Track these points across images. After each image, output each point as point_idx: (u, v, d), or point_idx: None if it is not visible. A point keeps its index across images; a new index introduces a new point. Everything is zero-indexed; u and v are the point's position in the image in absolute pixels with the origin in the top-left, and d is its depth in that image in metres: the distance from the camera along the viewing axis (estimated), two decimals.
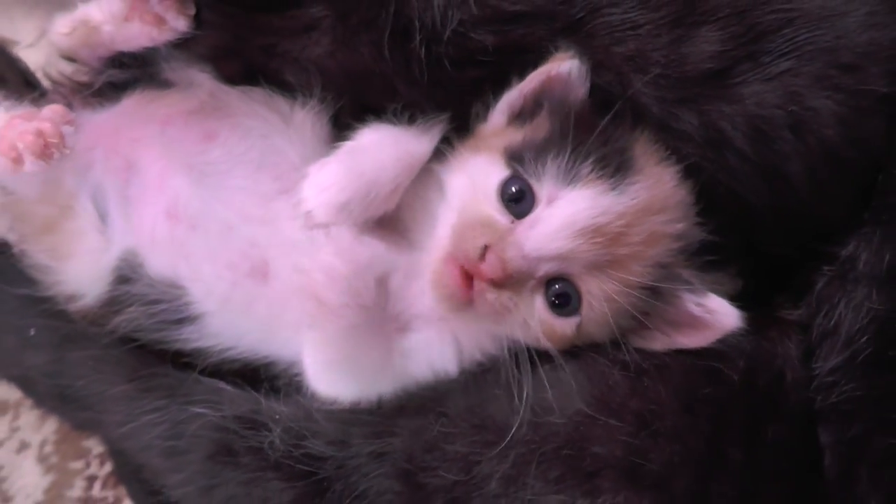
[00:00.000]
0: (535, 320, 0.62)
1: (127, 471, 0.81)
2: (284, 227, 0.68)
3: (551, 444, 0.61)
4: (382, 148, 0.65)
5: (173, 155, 0.70)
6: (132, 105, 0.71)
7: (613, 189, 0.61)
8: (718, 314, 0.62)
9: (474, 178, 0.65)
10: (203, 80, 0.73)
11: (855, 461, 0.62)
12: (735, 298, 0.67)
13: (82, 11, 0.77)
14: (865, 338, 0.64)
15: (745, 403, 0.63)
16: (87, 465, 0.87)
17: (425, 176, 0.68)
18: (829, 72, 0.66)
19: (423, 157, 0.68)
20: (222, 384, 0.69)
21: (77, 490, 0.86)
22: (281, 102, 0.73)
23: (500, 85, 0.69)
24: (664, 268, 0.62)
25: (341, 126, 0.71)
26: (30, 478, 0.87)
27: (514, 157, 0.63)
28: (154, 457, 0.69)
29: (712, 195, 0.67)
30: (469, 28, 0.68)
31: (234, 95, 0.73)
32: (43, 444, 0.87)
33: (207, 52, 0.73)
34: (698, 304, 0.63)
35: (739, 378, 0.64)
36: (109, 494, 0.86)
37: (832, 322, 0.67)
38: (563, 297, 0.62)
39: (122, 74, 0.75)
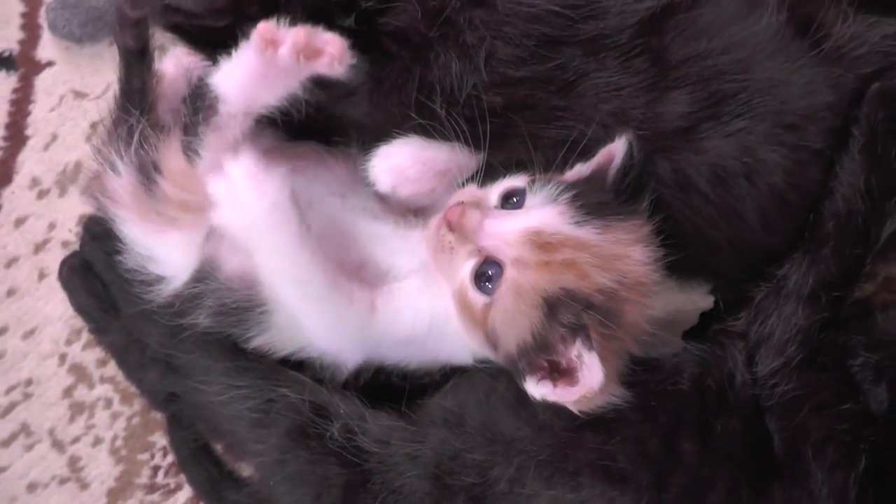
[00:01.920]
0: (459, 277, 0.71)
1: (185, 456, 0.91)
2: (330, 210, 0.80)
3: (544, 453, 0.72)
4: (440, 144, 0.77)
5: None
6: None
7: (572, 218, 0.69)
8: (587, 370, 0.66)
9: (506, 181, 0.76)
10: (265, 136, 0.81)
11: (800, 443, 0.71)
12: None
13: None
14: (794, 346, 0.73)
15: (697, 403, 0.73)
16: (152, 456, 0.95)
17: None
18: (775, 130, 0.75)
19: (468, 166, 0.78)
20: (303, 376, 0.78)
21: (144, 478, 0.95)
22: (324, 149, 0.83)
23: (504, 138, 0.77)
24: (570, 296, 0.67)
25: None
26: (104, 467, 0.95)
27: (535, 178, 0.74)
28: (242, 426, 0.79)
29: (682, 229, 0.77)
30: (481, 91, 0.76)
31: (287, 144, 0.83)
32: (114, 439, 0.96)
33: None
34: (580, 356, 0.66)
35: (690, 384, 0.73)
36: (171, 481, 0.95)
37: (766, 329, 0.76)
38: (487, 275, 0.70)
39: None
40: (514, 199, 0.74)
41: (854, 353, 0.73)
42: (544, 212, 0.70)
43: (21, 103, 1.02)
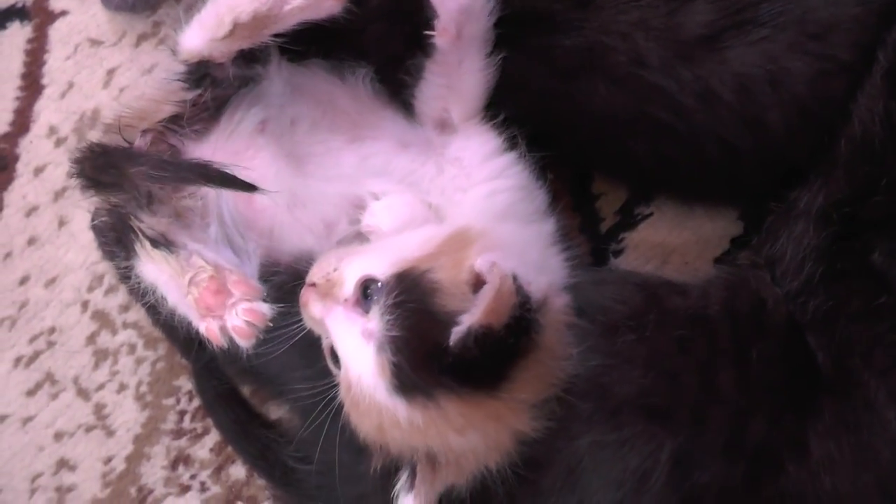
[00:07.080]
0: None
1: (211, 400, 0.91)
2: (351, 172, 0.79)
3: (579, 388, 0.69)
4: None
5: (277, 151, 0.77)
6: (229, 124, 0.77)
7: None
8: None
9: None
10: (279, 70, 0.79)
11: (846, 355, 0.69)
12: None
13: None
14: (811, 263, 0.72)
15: (730, 330, 0.71)
16: (178, 401, 0.95)
17: None
18: (799, 39, 0.74)
19: None
20: None
21: (170, 423, 0.95)
22: (335, 70, 0.81)
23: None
24: None
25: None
26: (129, 414, 0.96)
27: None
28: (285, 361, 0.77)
29: (704, 142, 0.77)
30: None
31: (299, 73, 0.81)
32: (139, 384, 0.96)
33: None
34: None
35: (720, 308, 0.72)
36: (198, 426, 0.95)
37: (777, 251, 0.74)
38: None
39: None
40: (370, 293, 0.67)
41: (873, 248, 0.70)
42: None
43: (36, 53, 1.02)
